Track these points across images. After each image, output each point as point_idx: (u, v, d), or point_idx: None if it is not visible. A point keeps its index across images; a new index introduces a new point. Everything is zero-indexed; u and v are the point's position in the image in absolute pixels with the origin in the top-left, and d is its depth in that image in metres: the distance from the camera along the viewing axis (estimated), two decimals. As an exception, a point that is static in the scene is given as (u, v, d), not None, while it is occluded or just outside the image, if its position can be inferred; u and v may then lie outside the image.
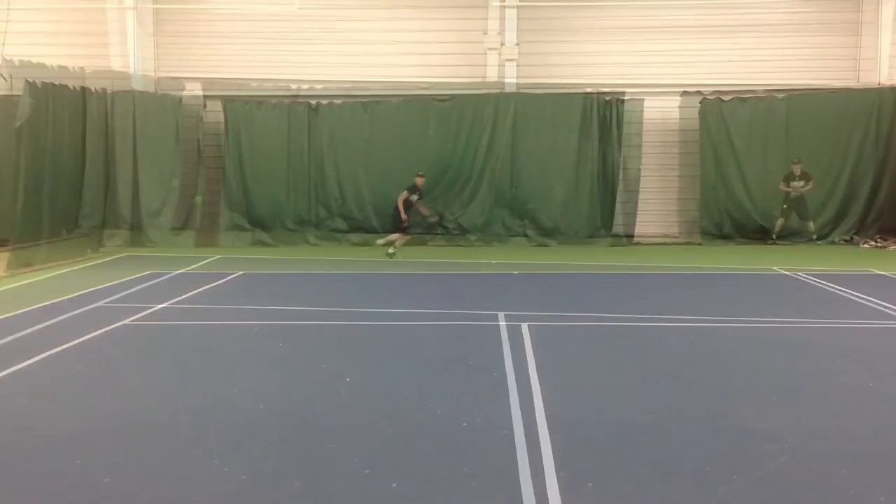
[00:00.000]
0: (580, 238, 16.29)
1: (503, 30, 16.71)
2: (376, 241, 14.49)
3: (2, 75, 13.45)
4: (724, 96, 16.47)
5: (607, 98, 16.34)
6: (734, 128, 16.50)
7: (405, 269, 12.16)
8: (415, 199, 15.23)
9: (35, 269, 11.79)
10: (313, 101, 16.60)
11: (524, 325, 7.71)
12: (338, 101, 16.59)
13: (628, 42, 16.90)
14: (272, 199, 16.63)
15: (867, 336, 7.79)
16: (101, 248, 13.98)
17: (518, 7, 16.85)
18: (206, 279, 10.37)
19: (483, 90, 16.52)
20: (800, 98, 16.38)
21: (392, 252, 13.76)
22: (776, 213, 16.17)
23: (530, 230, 16.49)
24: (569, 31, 17.00)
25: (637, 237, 16.58)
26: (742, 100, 16.48)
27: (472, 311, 8.52)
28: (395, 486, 3.97)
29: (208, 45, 17.15)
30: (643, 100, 16.42)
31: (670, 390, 5.77)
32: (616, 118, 16.33)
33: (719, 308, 9.20)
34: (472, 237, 16.26)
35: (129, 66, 16.88)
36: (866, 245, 15.76)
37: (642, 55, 16.84)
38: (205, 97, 16.63)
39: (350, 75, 16.84)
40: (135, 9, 16.96)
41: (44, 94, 14.45)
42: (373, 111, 16.51)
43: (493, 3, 16.60)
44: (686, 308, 9.19)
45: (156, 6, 17.17)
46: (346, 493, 3.91)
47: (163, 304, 8.63)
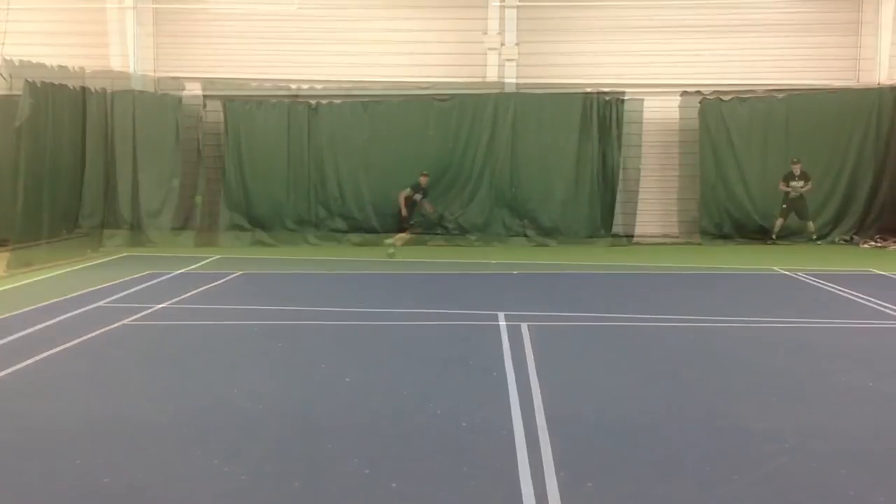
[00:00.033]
0: (580, 238, 16.29)
1: (503, 30, 16.72)
2: (384, 241, 14.47)
3: (1, 75, 13.44)
4: (723, 96, 16.46)
5: (607, 98, 16.34)
6: (734, 127, 16.50)
7: (405, 269, 12.15)
8: (419, 197, 15.30)
9: (35, 269, 11.79)
10: (313, 101, 16.60)
11: (524, 325, 7.71)
12: (337, 101, 16.59)
13: (628, 42, 16.91)
14: (272, 198, 16.64)
15: (867, 336, 7.79)
16: (101, 248, 13.99)
17: (518, 7, 16.86)
18: (205, 279, 10.37)
19: (483, 90, 16.52)
20: (799, 98, 16.38)
21: (391, 252, 13.76)
22: (776, 212, 16.18)
23: (530, 230, 16.49)
24: (568, 30, 17.01)
25: (637, 237, 16.57)
26: (742, 99, 16.48)
27: (472, 311, 8.52)
28: (394, 486, 3.97)
29: (208, 45, 17.16)
30: (643, 100, 16.41)
31: (670, 390, 5.77)
32: (616, 118, 16.33)
33: (719, 308, 9.20)
34: (472, 237, 16.25)
35: (128, 66, 16.90)
36: (866, 245, 15.77)
37: (642, 55, 16.85)
38: (204, 97, 16.64)
39: (350, 75, 16.85)
40: (135, 9, 16.97)
41: (44, 94, 14.44)
42: (373, 111, 16.51)
43: (493, 3, 16.60)
44: (686, 308, 9.19)
45: (156, 6, 17.17)
46: (346, 493, 3.91)
47: (162, 304, 8.63)
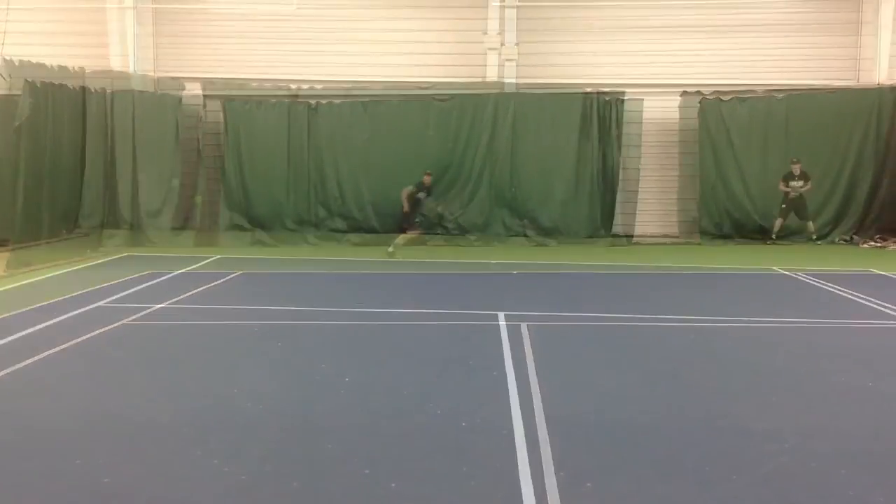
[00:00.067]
0: (580, 238, 16.29)
1: (503, 30, 16.72)
2: (395, 241, 14.57)
3: (1, 75, 13.44)
4: (723, 96, 16.46)
5: (607, 98, 16.34)
6: (734, 127, 16.49)
7: (405, 268, 12.15)
8: (422, 196, 15.37)
9: (35, 268, 11.78)
10: (313, 101, 16.60)
11: (524, 325, 7.71)
12: (337, 101, 16.59)
13: (628, 42, 16.92)
14: (272, 199, 16.64)
15: (867, 336, 7.79)
16: (101, 248, 13.98)
17: (518, 7, 16.86)
18: (205, 279, 10.37)
19: (483, 90, 16.52)
20: (799, 98, 16.38)
21: (391, 251, 13.78)
22: (775, 212, 16.18)
23: (530, 230, 16.49)
24: (568, 30, 17.01)
25: (636, 237, 16.58)
26: (741, 99, 16.48)
27: (472, 311, 8.52)
28: (394, 486, 3.97)
29: (208, 45, 17.16)
30: (642, 100, 16.42)
31: (670, 390, 5.77)
32: (615, 118, 16.33)
33: (719, 308, 9.21)
34: (472, 237, 16.26)
35: (128, 66, 16.90)
36: (866, 245, 15.76)
37: (642, 55, 16.86)
38: (204, 97, 16.64)
39: (350, 75, 16.86)
40: (135, 9, 16.97)
41: (44, 94, 14.45)
42: (372, 111, 16.50)
43: (493, 3, 16.60)
44: (686, 308, 9.19)
45: (155, 6, 17.17)
46: (346, 493, 3.91)
47: (162, 304, 8.63)
